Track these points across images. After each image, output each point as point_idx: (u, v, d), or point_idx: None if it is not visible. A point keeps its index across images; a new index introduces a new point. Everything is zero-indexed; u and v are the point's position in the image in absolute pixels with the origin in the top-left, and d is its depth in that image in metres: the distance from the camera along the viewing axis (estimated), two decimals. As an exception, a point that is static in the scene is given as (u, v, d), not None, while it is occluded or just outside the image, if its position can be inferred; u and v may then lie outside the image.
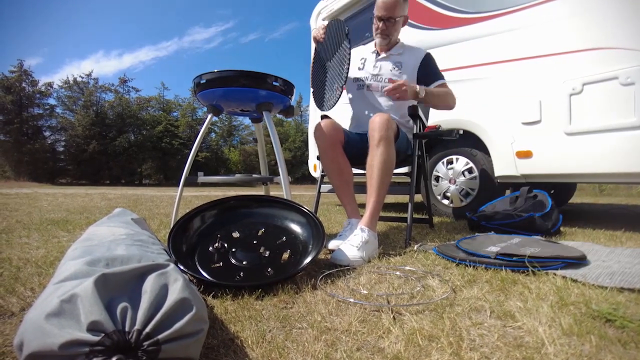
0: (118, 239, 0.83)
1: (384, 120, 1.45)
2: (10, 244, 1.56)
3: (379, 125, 1.44)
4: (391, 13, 1.72)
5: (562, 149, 2.09)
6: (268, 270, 1.03)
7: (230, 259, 1.07)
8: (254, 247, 1.13)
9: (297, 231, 1.24)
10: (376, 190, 1.43)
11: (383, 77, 1.78)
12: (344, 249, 1.24)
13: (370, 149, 1.47)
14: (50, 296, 0.50)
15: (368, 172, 1.47)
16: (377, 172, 1.43)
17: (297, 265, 1.05)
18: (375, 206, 1.42)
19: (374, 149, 1.45)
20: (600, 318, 0.73)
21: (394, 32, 1.79)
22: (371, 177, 1.44)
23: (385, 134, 1.44)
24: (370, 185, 1.44)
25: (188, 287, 0.52)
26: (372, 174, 1.44)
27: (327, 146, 1.59)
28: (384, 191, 1.45)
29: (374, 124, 1.46)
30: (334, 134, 1.59)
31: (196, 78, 1.44)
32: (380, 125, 1.44)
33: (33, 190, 8.27)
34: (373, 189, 1.43)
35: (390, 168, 1.47)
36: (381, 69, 1.81)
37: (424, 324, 0.71)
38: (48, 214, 2.75)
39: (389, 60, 1.82)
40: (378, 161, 1.43)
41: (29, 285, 0.95)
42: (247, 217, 1.29)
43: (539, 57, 2.23)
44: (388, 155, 1.44)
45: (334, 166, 1.61)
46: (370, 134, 1.47)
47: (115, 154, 24.87)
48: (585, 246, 1.46)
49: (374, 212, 1.41)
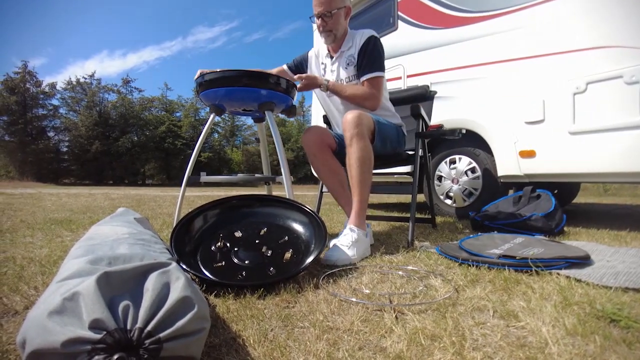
0: (121, 238, 0.83)
1: (354, 117, 1.43)
2: (15, 243, 1.57)
3: (349, 125, 1.43)
4: (327, 7, 1.60)
5: (566, 149, 2.07)
6: (270, 269, 1.03)
7: (233, 258, 1.07)
8: (256, 247, 1.13)
9: (300, 231, 1.24)
10: (358, 189, 1.42)
11: (343, 80, 1.72)
12: (334, 249, 1.25)
13: (347, 148, 1.46)
14: (52, 294, 0.50)
15: (348, 172, 1.47)
16: (355, 170, 1.42)
17: (299, 265, 1.05)
18: (359, 205, 1.42)
19: (348, 148, 1.45)
20: (604, 318, 0.73)
21: (336, 26, 1.65)
22: (351, 177, 1.44)
23: (357, 130, 1.42)
24: (352, 185, 1.44)
25: (190, 286, 0.52)
26: (351, 173, 1.44)
27: (315, 151, 1.59)
28: (366, 187, 1.45)
29: (345, 124, 1.45)
30: (321, 138, 1.60)
31: (199, 77, 1.44)
32: (350, 123, 1.42)
33: (37, 190, 8.32)
34: (355, 187, 1.43)
35: (369, 163, 1.45)
36: (338, 73, 1.73)
37: (426, 323, 0.71)
38: (52, 214, 2.76)
39: (341, 59, 1.72)
40: (354, 158, 1.42)
41: (32, 284, 0.95)
42: (249, 216, 1.29)
43: (542, 56, 2.21)
44: (363, 151, 1.42)
45: (326, 169, 1.61)
46: (344, 134, 1.47)
47: (119, 154, 24.98)
48: (589, 246, 1.45)
49: (360, 210, 1.41)
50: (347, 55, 1.69)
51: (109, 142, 25.06)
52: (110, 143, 25.01)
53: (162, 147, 26.54)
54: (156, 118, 27.84)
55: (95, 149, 23.97)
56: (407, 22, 3.05)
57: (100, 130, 25.00)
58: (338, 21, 1.65)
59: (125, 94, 27.58)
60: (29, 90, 23.66)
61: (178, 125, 27.98)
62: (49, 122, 25.08)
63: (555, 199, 1.95)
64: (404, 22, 3.07)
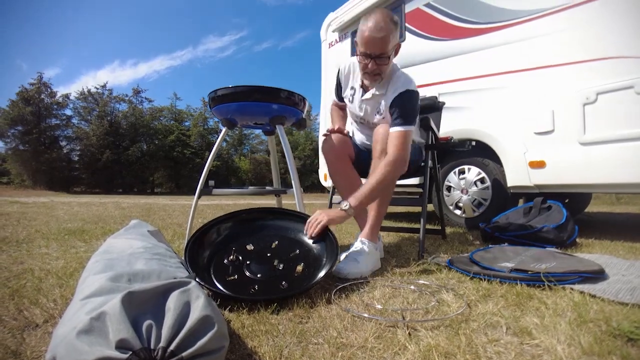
0: (136, 252, 0.85)
1: (387, 132, 1.42)
2: (31, 254, 1.61)
3: (381, 137, 1.42)
4: (383, 49, 1.34)
5: (576, 159, 2.06)
6: (282, 283, 1.04)
7: (245, 271, 1.09)
8: (268, 260, 1.14)
9: (311, 244, 1.25)
10: (377, 205, 1.41)
11: (369, 122, 1.60)
12: (345, 262, 1.26)
13: (373, 161, 1.43)
14: (78, 312, 0.52)
15: None
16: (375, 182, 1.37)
17: (311, 279, 1.06)
18: (375, 221, 1.42)
19: (375, 161, 1.42)
20: (621, 337, 0.72)
21: (385, 70, 1.42)
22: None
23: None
24: None
25: (210, 304, 0.54)
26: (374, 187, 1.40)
27: (336, 161, 1.57)
28: (385, 205, 1.44)
29: (377, 135, 1.44)
30: (342, 148, 1.57)
31: (211, 93, 1.48)
32: (383, 137, 1.41)
33: (49, 199, 8.47)
34: (374, 202, 1.41)
35: (393, 183, 1.45)
36: (366, 112, 1.58)
37: (439, 340, 0.71)
38: (65, 224, 2.82)
39: (371, 102, 1.54)
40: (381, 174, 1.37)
41: (51, 297, 0.97)
42: (261, 229, 1.30)
43: (551, 67, 2.22)
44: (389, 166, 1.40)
45: (346, 182, 1.58)
46: (374, 146, 1.45)
47: (128, 162, 25.37)
48: (603, 259, 1.43)
49: (375, 225, 1.41)
50: (377, 103, 1.52)
51: (119, 151, 25.50)
52: (121, 152, 25.43)
53: (171, 156, 26.89)
54: (165, 127, 28.27)
55: (105, 158, 24.39)
56: (414, 33, 3.08)
57: (111, 140, 25.46)
58: (389, 63, 1.42)
59: (135, 103, 28.14)
60: (43, 100, 24.26)
61: (187, 134, 28.36)
62: (61, 131, 25.64)
63: (566, 210, 1.93)
64: (411, 33, 3.10)
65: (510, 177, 2.35)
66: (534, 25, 2.30)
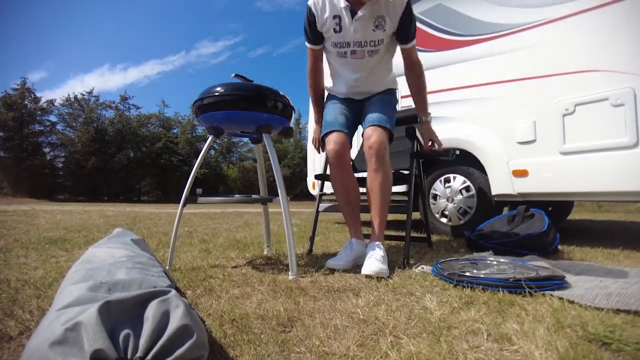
0: (118, 261, 0.84)
1: (380, 141, 1.49)
2: (8, 264, 1.56)
3: (376, 150, 1.49)
4: None
5: (557, 168, 2.12)
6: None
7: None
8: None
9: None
10: (379, 212, 1.52)
11: (367, 43, 1.53)
12: (371, 262, 1.36)
13: (369, 172, 1.53)
14: (53, 323, 0.50)
15: (370, 195, 1.55)
16: (378, 194, 1.51)
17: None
18: (381, 228, 1.54)
19: (372, 172, 1.52)
20: (596, 341, 0.74)
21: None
22: (375, 200, 1.53)
23: (382, 158, 1.50)
24: (375, 208, 1.53)
25: (189, 314, 0.53)
26: (375, 198, 1.53)
27: (336, 163, 1.59)
28: (387, 210, 1.55)
29: (370, 143, 1.50)
30: (343, 150, 1.58)
31: (197, 101, 1.47)
32: (377, 149, 1.49)
33: (30, 207, 8.24)
34: (377, 211, 1.53)
35: (390, 187, 1.55)
36: (363, 34, 1.50)
37: (421, 347, 0.72)
38: (46, 232, 2.74)
39: (368, 18, 1.47)
40: (380, 183, 1.51)
41: (27, 309, 0.95)
42: None
43: (533, 79, 2.29)
44: (387, 178, 1.53)
45: (343, 190, 1.63)
46: (367, 151, 1.52)
47: (114, 170, 24.89)
48: (583, 265, 1.47)
49: (382, 228, 1.54)
50: (377, 16, 1.46)
51: (105, 158, 25.01)
52: (107, 159, 24.95)
53: (159, 164, 26.50)
54: (153, 135, 27.90)
55: (91, 165, 23.88)
56: (400, 44, 3.13)
57: (97, 147, 24.98)
58: None
59: (123, 110, 27.75)
60: (26, 106, 23.73)
61: (175, 141, 28.04)
62: (45, 138, 25.06)
63: (548, 218, 1.98)
64: (398, 44, 3.16)
65: (494, 186, 2.40)
66: (515, 39, 2.38)
